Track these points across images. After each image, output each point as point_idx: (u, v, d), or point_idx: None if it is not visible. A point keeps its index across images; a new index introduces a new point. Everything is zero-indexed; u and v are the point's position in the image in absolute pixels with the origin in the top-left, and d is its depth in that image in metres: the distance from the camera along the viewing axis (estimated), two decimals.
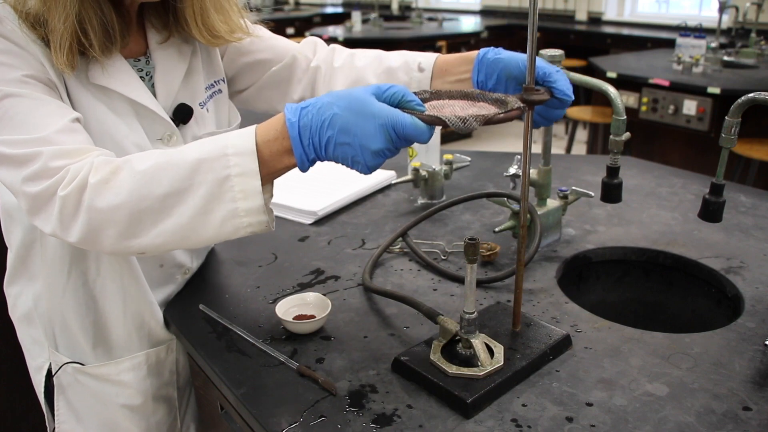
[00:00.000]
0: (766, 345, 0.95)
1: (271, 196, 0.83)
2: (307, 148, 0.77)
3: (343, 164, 0.78)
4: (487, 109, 0.80)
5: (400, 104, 0.77)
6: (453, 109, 0.82)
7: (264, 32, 1.20)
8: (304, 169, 0.79)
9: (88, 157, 0.79)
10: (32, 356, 1.16)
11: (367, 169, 0.76)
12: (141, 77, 1.00)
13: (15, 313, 1.15)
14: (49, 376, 1.12)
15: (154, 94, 1.02)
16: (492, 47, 1.04)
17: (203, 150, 0.77)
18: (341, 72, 1.17)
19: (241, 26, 1.06)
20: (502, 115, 0.76)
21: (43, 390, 1.14)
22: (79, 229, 0.78)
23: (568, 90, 0.94)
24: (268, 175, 0.81)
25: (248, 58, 1.18)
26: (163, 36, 1.03)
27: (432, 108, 0.82)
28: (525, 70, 0.90)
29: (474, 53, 1.05)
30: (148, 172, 0.76)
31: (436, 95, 0.86)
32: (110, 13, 0.90)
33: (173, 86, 1.03)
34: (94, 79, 0.93)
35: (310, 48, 1.21)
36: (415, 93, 0.83)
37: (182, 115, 1.04)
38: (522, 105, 0.79)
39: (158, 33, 1.03)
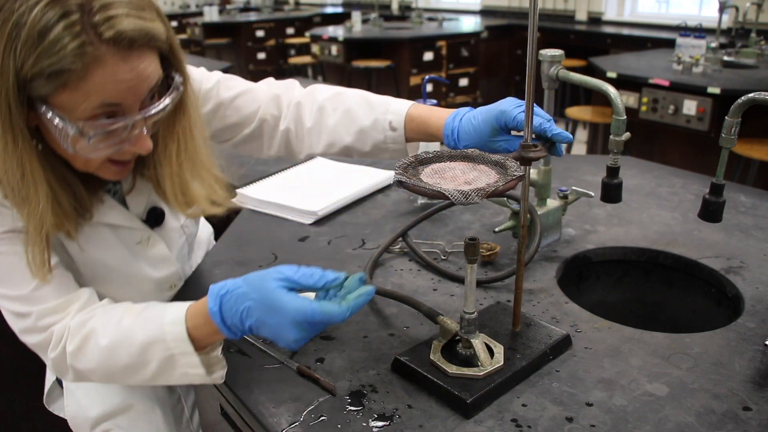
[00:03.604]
0: (766, 345, 0.95)
1: (221, 344, 0.92)
2: (232, 329, 0.82)
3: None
4: (488, 174, 0.82)
5: (324, 286, 0.81)
6: (454, 173, 0.83)
7: (234, 86, 1.16)
8: (236, 339, 0.89)
9: (68, 315, 0.92)
10: None
11: (293, 347, 0.81)
12: (109, 189, 1.01)
13: None
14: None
15: (125, 205, 1.03)
16: (452, 128, 1.01)
17: (147, 332, 0.87)
18: (314, 133, 1.13)
19: (218, 194, 1.04)
20: (502, 186, 0.77)
21: (54, 378, 1.23)
22: (70, 377, 0.94)
23: (567, 138, 0.95)
24: (209, 345, 0.89)
25: (219, 123, 1.15)
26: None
27: (433, 172, 0.83)
28: (493, 152, 0.92)
29: (438, 131, 1.03)
30: (108, 347, 0.88)
31: (437, 158, 0.87)
32: (80, 190, 0.93)
33: (143, 197, 1.05)
34: None
35: (274, 105, 1.16)
36: (416, 155, 0.86)
37: (155, 218, 1.07)
38: (522, 174, 0.81)
39: (129, 180, 1.04)
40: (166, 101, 0.86)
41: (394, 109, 1.08)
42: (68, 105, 0.78)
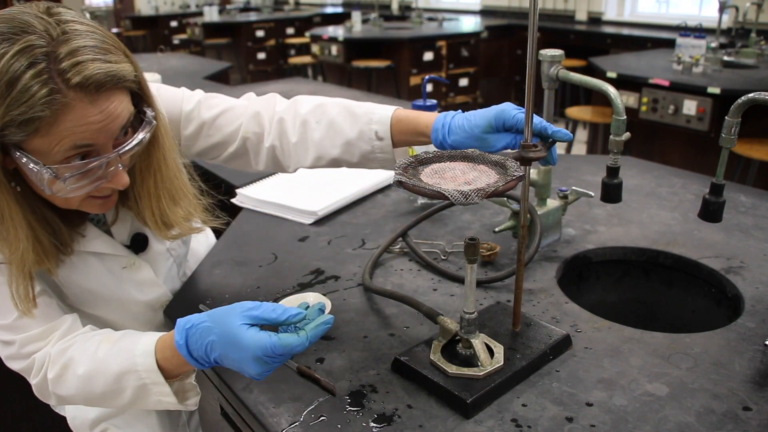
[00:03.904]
0: (766, 345, 0.95)
1: (194, 372, 0.96)
2: (200, 361, 0.84)
3: None
4: (488, 174, 0.82)
5: (282, 322, 0.81)
6: (454, 173, 0.82)
7: (216, 105, 1.14)
8: (205, 369, 0.91)
9: (50, 343, 0.95)
10: None
11: (258, 379, 0.82)
12: (92, 218, 1.03)
13: None
14: None
15: (110, 234, 1.05)
16: (442, 124, 0.98)
17: (120, 363, 0.90)
18: (301, 148, 1.12)
19: (196, 216, 1.06)
20: (502, 187, 0.77)
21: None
22: (53, 402, 0.99)
23: (567, 137, 0.94)
24: (181, 375, 0.92)
25: (203, 143, 1.14)
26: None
27: (433, 172, 0.83)
28: (481, 149, 0.92)
29: (427, 128, 1.01)
30: (85, 376, 0.91)
31: (437, 158, 0.86)
32: (59, 227, 0.95)
33: (126, 224, 1.06)
34: None
35: (255, 123, 1.14)
36: (416, 155, 0.86)
37: (138, 244, 1.08)
38: (522, 174, 0.80)
39: (113, 212, 1.06)
40: (140, 137, 0.88)
41: (378, 119, 1.07)
42: (41, 149, 0.80)
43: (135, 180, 0.97)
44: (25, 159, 0.80)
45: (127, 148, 0.86)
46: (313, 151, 1.10)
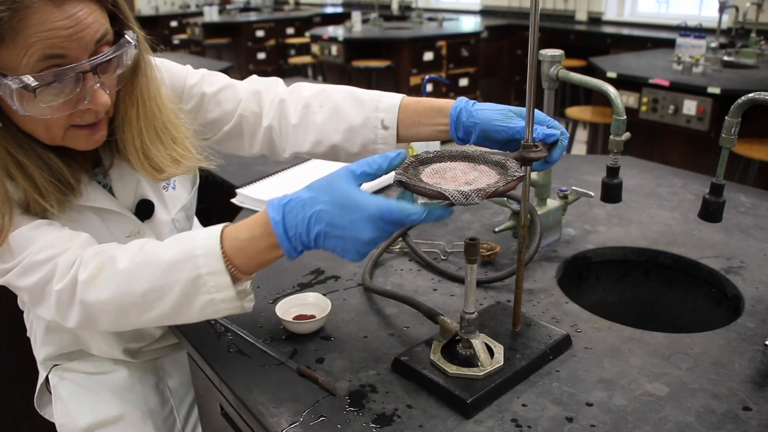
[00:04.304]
0: (766, 345, 0.95)
1: (250, 279, 0.87)
2: (294, 241, 0.78)
3: (333, 252, 0.79)
4: (488, 174, 0.82)
5: (387, 168, 0.77)
6: (455, 173, 0.82)
7: (217, 81, 1.14)
8: (292, 258, 0.81)
9: (72, 248, 0.86)
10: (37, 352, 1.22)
11: (359, 257, 0.77)
12: (95, 176, 1.01)
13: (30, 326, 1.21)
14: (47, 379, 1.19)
15: (113, 195, 1.02)
16: (466, 100, 0.99)
17: (175, 251, 0.82)
18: (301, 131, 1.10)
19: (189, 155, 1.02)
20: (502, 187, 0.77)
21: (42, 380, 1.22)
22: (75, 318, 0.86)
23: (563, 140, 0.94)
24: (258, 266, 0.83)
25: (201, 119, 1.13)
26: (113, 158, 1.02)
27: (434, 172, 0.82)
28: (501, 131, 0.94)
29: (447, 105, 1.01)
30: (128, 270, 0.83)
31: (438, 157, 0.86)
32: (56, 164, 0.90)
33: (131, 188, 1.04)
34: None
35: (254, 101, 1.13)
36: (417, 154, 0.84)
37: (144, 211, 1.06)
38: (522, 174, 0.80)
39: (109, 156, 1.02)
40: (116, 52, 0.84)
41: (386, 106, 1.04)
42: (10, 63, 0.77)
43: (118, 111, 0.94)
44: None
45: (100, 58, 0.82)
46: (313, 135, 1.08)
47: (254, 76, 1.18)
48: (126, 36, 0.87)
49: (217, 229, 0.83)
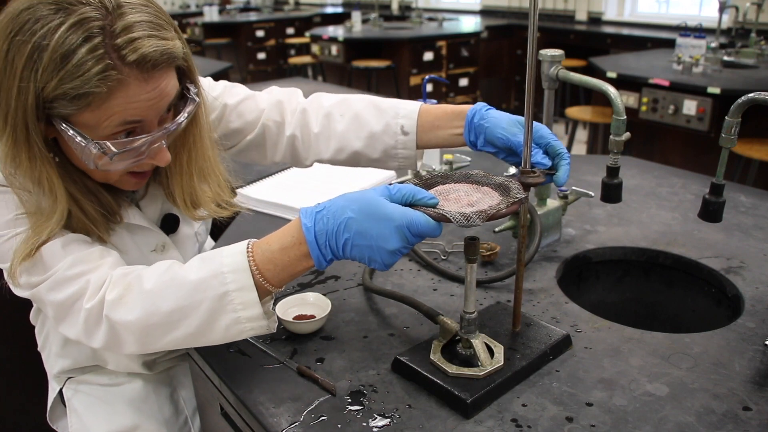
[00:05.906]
0: (766, 345, 0.95)
1: (273, 298, 0.88)
2: (324, 250, 0.79)
3: (359, 262, 0.80)
4: (491, 195, 0.85)
5: (411, 203, 0.79)
6: (458, 195, 0.85)
7: (238, 93, 1.16)
8: (321, 268, 0.81)
9: (103, 266, 0.86)
10: (50, 366, 1.22)
11: (384, 267, 0.78)
12: (126, 197, 1.01)
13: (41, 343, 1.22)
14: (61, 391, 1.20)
15: (140, 208, 1.03)
16: (482, 104, 1.02)
17: (202, 269, 0.82)
18: (323, 139, 1.12)
19: (223, 197, 1.05)
20: (504, 210, 0.80)
21: (56, 394, 1.22)
22: (101, 337, 0.86)
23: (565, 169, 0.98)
24: (288, 278, 0.83)
25: (223, 129, 1.15)
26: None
27: (438, 194, 0.85)
28: (504, 140, 0.96)
29: (465, 108, 1.03)
30: (154, 290, 0.82)
31: (442, 179, 0.89)
32: (103, 196, 0.92)
33: (157, 204, 1.05)
34: None
35: (277, 111, 1.15)
36: (421, 175, 0.87)
37: (169, 225, 1.07)
38: (524, 196, 0.83)
39: (145, 186, 1.03)
40: (185, 115, 0.87)
41: (405, 113, 1.07)
42: (90, 123, 0.79)
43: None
44: (71, 132, 0.78)
45: (174, 126, 0.85)
46: (335, 143, 1.11)
47: (274, 87, 1.20)
48: (191, 94, 0.89)
49: (242, 245, 0.83)
